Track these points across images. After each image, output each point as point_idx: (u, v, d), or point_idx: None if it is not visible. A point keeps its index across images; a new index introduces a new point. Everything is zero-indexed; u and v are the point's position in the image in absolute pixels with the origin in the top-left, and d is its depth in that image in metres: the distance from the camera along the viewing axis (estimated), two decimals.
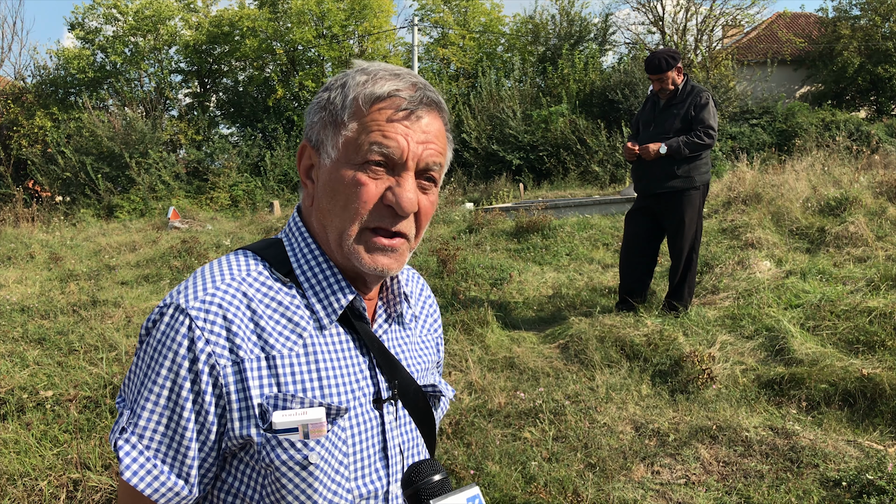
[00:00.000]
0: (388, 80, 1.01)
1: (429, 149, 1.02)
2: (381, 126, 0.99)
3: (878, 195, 7.65)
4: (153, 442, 0.96)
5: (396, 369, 1.08)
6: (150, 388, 0.96)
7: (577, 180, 15.76)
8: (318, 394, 0.99)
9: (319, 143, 1.05)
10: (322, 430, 0.96)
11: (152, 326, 0.99)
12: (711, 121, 4.88)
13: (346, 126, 1.01)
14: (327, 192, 1.03)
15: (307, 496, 0.96)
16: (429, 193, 1.05)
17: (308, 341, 1.01)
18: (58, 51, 21.62)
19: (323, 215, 1.04)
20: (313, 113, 1.07)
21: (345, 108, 1.01)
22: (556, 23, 22.71)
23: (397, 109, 1.00)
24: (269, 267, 1.05)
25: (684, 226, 4.95)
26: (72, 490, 2.91)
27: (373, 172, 0.99)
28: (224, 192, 17.51)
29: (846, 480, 2.85)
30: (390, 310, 1.13)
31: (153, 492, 0.96)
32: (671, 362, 4.17)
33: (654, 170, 4.94)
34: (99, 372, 4.11)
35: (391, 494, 1.06)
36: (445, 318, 5.09)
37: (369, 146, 0.99)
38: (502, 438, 3.40)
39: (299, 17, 22.27)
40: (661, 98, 5.07)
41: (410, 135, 1.00)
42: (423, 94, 1.02)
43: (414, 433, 1.11)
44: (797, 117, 17.54)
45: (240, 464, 1.00)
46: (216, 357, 0.95)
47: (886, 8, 20.70)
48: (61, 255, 8.93)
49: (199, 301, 0.97)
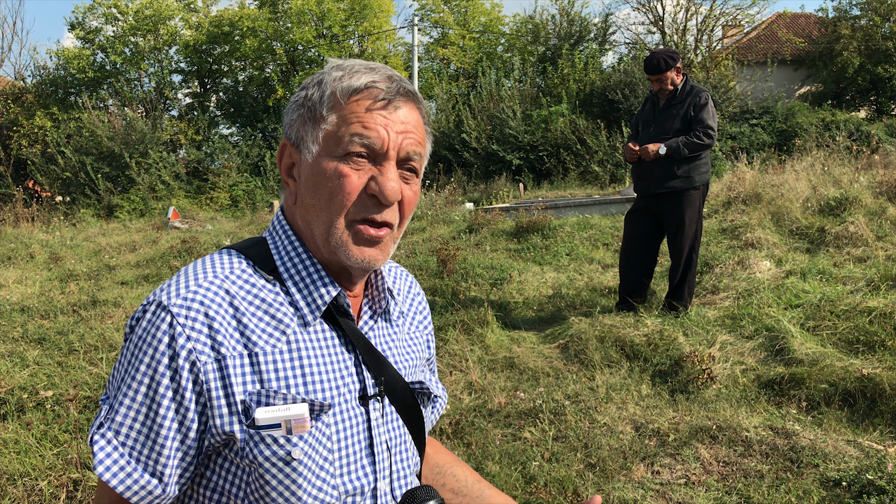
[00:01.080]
0: (365, 73, 1.03)
1: (408, 138, 1.03)
2: (360, 117, 1.00)
3: (878, 195, 7.65)
4: (129, 438, 0.96)
5: (383, 366, 1.08)
6: (129, 384, 0.96)
7: (577, 180, 15.77)
8: (302, 390, 0.99)
9: (300, 140, 1.05)
10: (305, 426, 0.96)
11: (135, 324, 0.99)
12: (710, 121, 4.89)
13: (325, 120, 1.02)
14: (310, 187, 1.03)
15: (291, 492, 0.96)
16: (411, 184, 1.06)
17: (292, 338, 1.01)
18: (58, 51, 21.64)
19: (307, 211, 1.05)
20: (292, 111, 1.07)
21: (323, 102, 1.02)
22: (556, 23, 22.72)
23: (375, 100, 1.01)
24: (253, 265, 1.05)
25: (684, 226, 4.95)
26: (72, 490, 2.91)
27: (355, 164, 1.00)
28: (224, 192, 17.52)
29: (846, 480, 2.85)
30: (375, 306, 1.13)
31: (125, 489, 0.96)
32: (671, 362, 4.17)
33: (655, 170, 4.94)
34: (99, 372, 4.11)
35: (379, 491, 1.05)
36: (445, 318, 5.09)
37: (350, 137, 1.00)
38: (502, 438, 3.40)
39: (299, 17, 22.28)
40: (660, 98, 5.08)
41: (390, 125, 1.01)
42: (399, 84, 1.03)
43: (401, 430, 1.11)
44: (797, 117, 17.55)
45: (224, 461, 1.00)
46: (197, 354, 0.95)
47: (886, 8, 20.71)
48: (61, 255, 8.93)
49: (180, 298, 0.97)
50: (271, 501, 0.96)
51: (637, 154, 4.97)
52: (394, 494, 1.08)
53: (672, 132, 4.94)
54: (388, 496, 1.07)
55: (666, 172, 4.91)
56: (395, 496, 1.08)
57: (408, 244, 8.22)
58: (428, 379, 1.21)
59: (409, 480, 1.11)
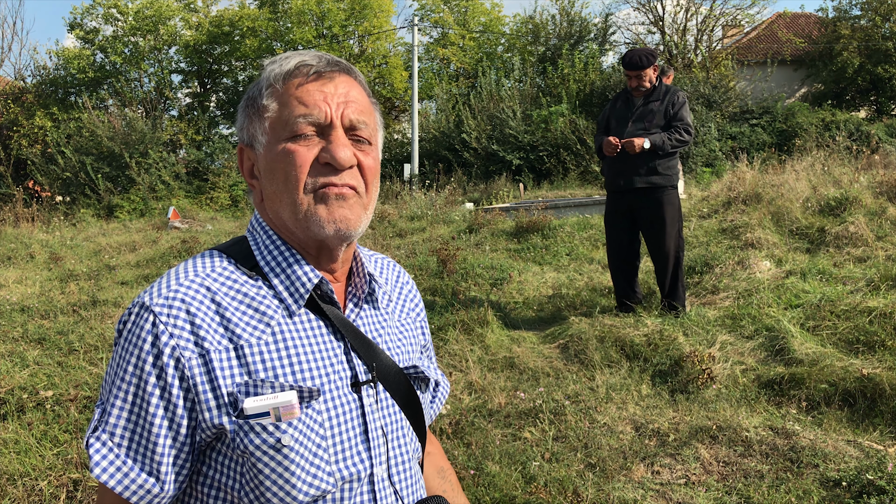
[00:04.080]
0: (294, 57, 1.06)
1: (349, 107, 1.04)
2: (298, 96, 1.03)
3: (878, 195, 7.65)
4: (123, 440, 0.97)
5: (374, 352, 1.08)
6: (119, 386, 0.98)
7: (577, 180, 15.76)
8: (291, 378, 0.99)
9: (252, 138, 1.08)
10: (294, 413, 0.96)
11: (122, 327, 1.01)
12: (689, 119, 5.00)
13: (267, 109, 1.05)
14: (268, 175, 1.05)
15: (285, 480, 0.96)
16: (367, 152, 1.06)
17: (276, 329, 1.02)
18: (58, 51, 21.66)
19: (272, 200, 1.06)
20: (240, 115, 1.10)
21: (262, 93, 1.06)
22: (556, 23, 22.72)
23: (307, 76, 1.04)
24: (235, 262, 1.06)
25: (666, 225, 4.92)
26: (72, 490, 2.91)
27: (304, 142, 1.02)
28: (224, 192, 17.52)
29: (846, 480, 2.85)
30: (358, 292, 1.13)
31: (124, 489, 0.97)
32: (671, 362, 4.17)
33: (636, 165, 4.93)
34: (99, 372, 4.11)
35: (376, 477, 1.05)
36: (445, 317, 5.08)
37: (294, 119, 1.02)
38: (502, 438, 3.40)
39: (299, 17, 22.28)
40: (635, 96, 5.08)
41: (328, 97, 1.03)
42: (329, 59, 1.06)
43: (398, 416, 1.11)
44: (797, 117, 17.54)
45: (218, 455, 1.00)
46: (181, 350, 0.96)
47: (886, 8, 20.71)
48: (61, 255, 8.93)
49: (162, 297, 0.99)
50: (266, 490, 0.96)
51: (618, 148, 4.94)
52: (391, 480, 1.08)
53: (654, 128, 4.95)
54: (386, 482, 1.07)
55: (647, 168, 4.91)
56: (393, 482, 1.08)
57: (408, 244, 8.23)
58: (424, 365, 1.21)
59: (407, 466, 1.11)
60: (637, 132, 4.96)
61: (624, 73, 5.09)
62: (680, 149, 4.95)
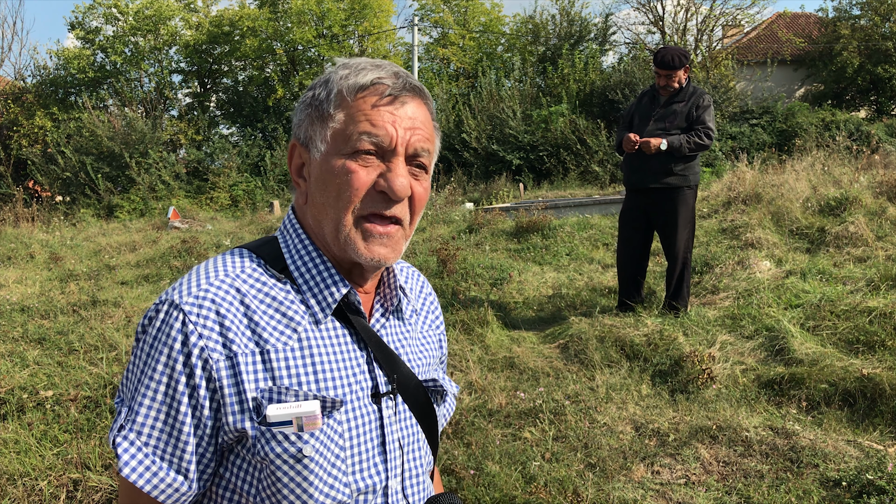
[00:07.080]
0: (371, 70, 1.02)
1: (416, 134, 1.02)
2: (367, 114, 1.00)
3: (878, 195, 7.65)
4: (151, 438, 0.96)
5: (396, 364, 1.08)
6: (147, 385, 0.96)
7: (577, 180, 15.77)
8: (314, 387, 0.99)
9: (308, 140, 1.05)
10: (317, 423, 0.96)
11: (148, 324, 0.99)
12: (711, 123, 4.91)
13: (332, 118, 1.02)
14: (320, 186, 1.03)
15: (303, 489, 0.96)
16: (421, 180, 1.05)
17: (303, 335, 1.01)
18: (58, 51, 21.64)
19: (317, 210, 1.04)
20: (300, 111, 1.08)
21: (330, 100, 1.02)
22: (556, 23, 22.71)
23: (381, 96, 1.01)
24: (264, 264, 1.05)
25: (678, 226, 4.92)
26: (72, 490, 2.91)
27: (363, 161, 1.00)
28: (224, 192, 17.51)
29: (846, 480, 2.85)
30: (387, 304, 1.13)
31: (153, 488, 0.96)
32: (671, 362, 4.17)
33: (652, 164, 4.91)
34: (99, 372, 4.10)
35: (390, 489, 1.05)
36: (446, 317, 5.08)
37: (358, 136, 0.99)
38: (502, 438, 3.40)
39: (299, 16, 22.28)
40: (661, 94, 5.06)
41: (397, 121, 1.01)
42: (405, 80, 1.03)
43: (414, 428, 1.10)
44: (797, 117, 17.54)
45: (237, 458, 1.00)
46: (209, 351, 0.95)
47: (886, 8, 20.71)
48: (61, 255, 8.93)
49: (192, 297, 0.97)
50: (283, 499, 0.96)
51: (636, 145, 4.93)
52: (405, 493, 1.08)
53: (675, 128, 4.93)
54: (399, 494, 1.07)
55: (663, 168, 4.89)
56: (406, 495, 1.08)
57: (408, 244, 8.22)
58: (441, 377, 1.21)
59: (421, 479, 1.11)
60: (656, 132, 4.93)
61: (654, 70, 5.04)
62: (699, 152, 4.90)
